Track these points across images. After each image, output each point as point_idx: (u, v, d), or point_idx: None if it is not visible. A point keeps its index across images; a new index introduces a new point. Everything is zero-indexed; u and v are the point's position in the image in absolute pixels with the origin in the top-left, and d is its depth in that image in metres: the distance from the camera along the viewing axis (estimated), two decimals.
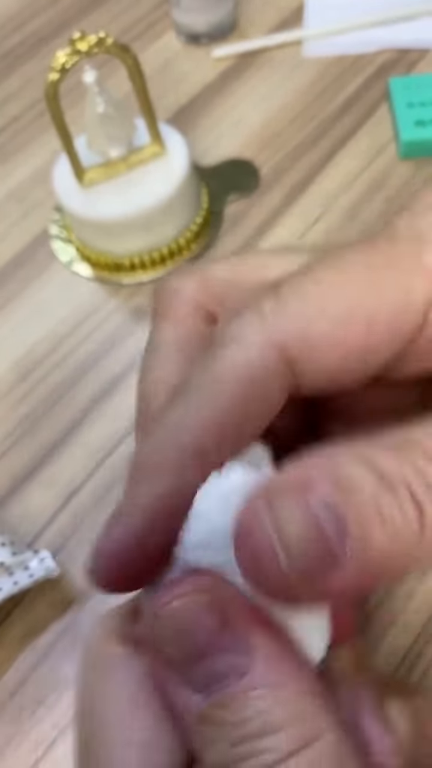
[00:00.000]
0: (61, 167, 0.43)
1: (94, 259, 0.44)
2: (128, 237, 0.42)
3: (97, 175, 0.42)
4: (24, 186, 0.49)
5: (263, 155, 0.48)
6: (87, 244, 0.44)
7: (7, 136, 0.52)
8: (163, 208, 0.41)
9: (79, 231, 0.44)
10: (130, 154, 0.42)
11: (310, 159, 0.47)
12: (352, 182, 0.46)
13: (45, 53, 0.56)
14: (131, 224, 0.41)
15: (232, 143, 0.49)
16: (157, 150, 0.42)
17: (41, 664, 0.33)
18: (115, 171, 0.42)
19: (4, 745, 0.32)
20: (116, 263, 0.43)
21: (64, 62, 0.37)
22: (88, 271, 0.45)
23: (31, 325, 0.43)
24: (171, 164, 0.42)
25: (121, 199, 0.41)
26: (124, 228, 0.42)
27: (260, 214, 0.45)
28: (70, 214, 0.42)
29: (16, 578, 0.33)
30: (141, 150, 0.42)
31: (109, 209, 0.41)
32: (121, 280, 0.44)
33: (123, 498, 0.17)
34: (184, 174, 0.42)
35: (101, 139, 0.41)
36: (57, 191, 0.42)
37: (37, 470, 0.38)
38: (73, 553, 0.36)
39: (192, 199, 0.44)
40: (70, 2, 0.59)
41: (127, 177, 0.42)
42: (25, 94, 0.54)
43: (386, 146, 0.47)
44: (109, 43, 0.37)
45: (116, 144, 0.41)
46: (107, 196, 0.42)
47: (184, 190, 0.42)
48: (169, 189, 0.41)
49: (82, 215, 0.42)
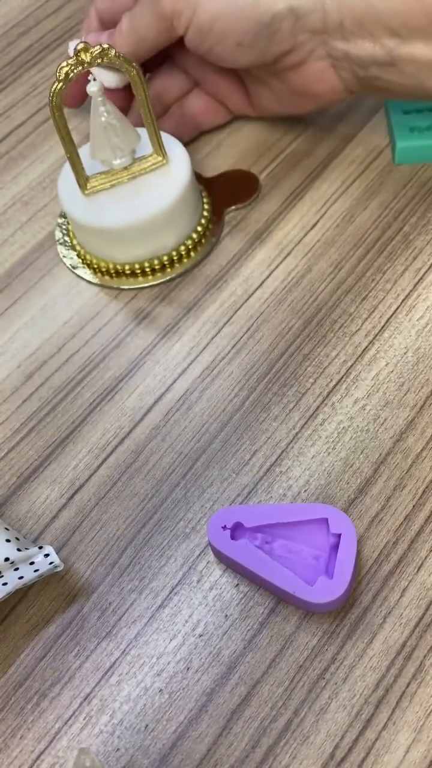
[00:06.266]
0: (65, 175, 0.44)
1: (95, 264, 0.45)
2: (129, 245, 0.43)
3: (99, 184, 0.42)
4: (29, 191, 0.50)
5: (262, 162, 0.48)
6: (89, 250, 0.45)
7: (13, 142, 0.53)
8: (165, 217, 0.42)
9: (81, 237, 0.45)
10: (133, 164, 0.42)
11: (307, 165, 0.48)
12: (348, 188, 0.47)
13: (50, 60, 0.57)
14: (132, 232, 0.42)
15: (231, 151, 0.49)
16: (159, 160, 0.43)
17: (45, 657, 0.34)
18: (118, 180, 0.42)
19: (9, 738, 0.33)
20: (117, 269, 0.44)
21: (67, 72, 0.38)
22: (91, 275, 0.45)
23: (36, 327, 0.44)
24: (173, 174, 0.43)
25: (123, 207, 0.42)
26: (126, 236, 0.42)
27: (259, 221, 0.46)
28: (73, 220, 0.43)
29: (21, 573, 0.34)
30: (144, 160, 0.43)
31: (110, 218, 0.42)
32: (122, 285, 0.45)
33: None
34: (186, 184, 0.43)
35: (105, 148, 0.41)
36: (61, 198, 0.43)
37: (41, 468, 0.39)
38: (77, 549, 0.37)
39: (193, 208, 0.45)
40: (75, 9, 0.59)
41: (129, 186, 0.43)
42: (30, 101, 0.55)
43: (381, 152, 0.48)
44: (113, 54, 0.38)
45: (119, 154, 0.42)
46: (109, 205, 0.42)
47: (185, 199, 0.43)
48: (170, 198, 0.42)
49: (85, 223, 0.42)
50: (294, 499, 0.37)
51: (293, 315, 0.42)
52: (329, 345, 0.41)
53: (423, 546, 0.35)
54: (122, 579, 0.36)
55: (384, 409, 0.39)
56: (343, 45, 0.39)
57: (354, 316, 0.42)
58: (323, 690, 0.32)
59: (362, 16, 0.38)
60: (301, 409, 0.39)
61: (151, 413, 0.40)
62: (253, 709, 0.32)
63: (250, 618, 0.34)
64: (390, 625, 0.33)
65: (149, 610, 0.35)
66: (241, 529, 0.34)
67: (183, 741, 0.32)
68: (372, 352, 0.40)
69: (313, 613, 0.34)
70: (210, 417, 0.40)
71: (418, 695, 0.32)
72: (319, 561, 0.34)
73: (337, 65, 0.41)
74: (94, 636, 0.34)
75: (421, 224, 0.44)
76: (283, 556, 0.34)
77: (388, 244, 0.44)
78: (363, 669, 0.32)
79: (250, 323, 0.43)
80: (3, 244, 0.48)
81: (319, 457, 0.38)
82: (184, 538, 0.36)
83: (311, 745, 0.31)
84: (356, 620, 0.33)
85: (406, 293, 0.42)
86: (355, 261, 0.44)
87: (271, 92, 0.45)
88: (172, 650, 0.34)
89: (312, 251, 0.44)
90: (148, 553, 0.36)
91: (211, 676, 0.33)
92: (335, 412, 0.39)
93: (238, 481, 0.38)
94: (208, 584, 0.35)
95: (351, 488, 0.37)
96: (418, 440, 0.37)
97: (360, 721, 0.31)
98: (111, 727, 0.32)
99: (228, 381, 0.41)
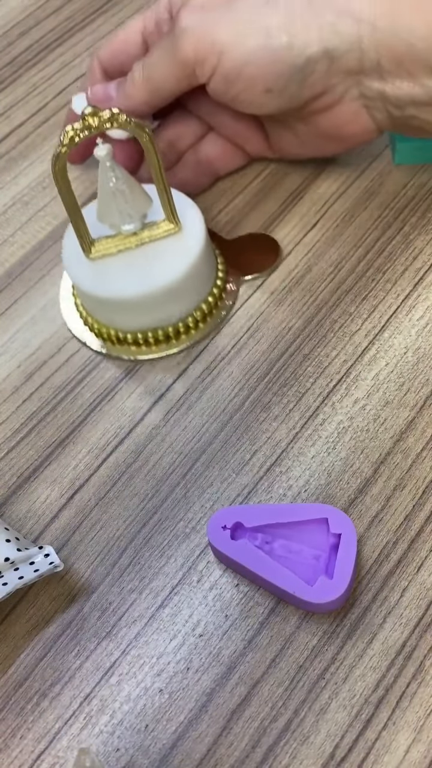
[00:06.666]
0: (69, 234, 0.40)
1: (97, 329, 0.42)
2: (133, 315, 0.40)
3: (105, 248, 0.40)
4: (29, 191, 0.50)
5: (261, 162, 0.48)
6: (91, 314, 0.42)
7: (13, 142, 0.53)
8: (174, 288, 0.39)
9: (84, 300, 0.42)
10: (143, 230, 0.39)
11: (307, 166, 0.48)
12: (348, 188, 0.47)
13: (50, 60, 0.57)
14: (138, 303, 0.39)
15: None
16: (171, 227, 0.40)
17: (46, 657, 0.34)
18: (126, 246, 0.40)
19: (9, 738, 0.33)
20: (119, 337, 0.41)
21: (73, 136, 0.35)
22: (94, 339, 0.43)
23: (36, 327, 0.44)
24: (186, 241, 0.40)
25: (130, 276, 0.39)
26: (130, 306, 0.40)
27: (258, 221, 0.46)
28: (76, 285, 0.40)
29: (22, 573, 0.34)
30: (155, 226, 0.40)
31: (116, 286, 0.39)
32: (122, 355, 0.42)
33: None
34: (199, 253, 0.40)
35: (112, 213, 0.38)
36: (64, 261, 0.41)
37: (41, 468, 0.39)
38: (77, 549, 0.37)
39: (205, 277, 0.42)
40: (75, 10, 0.59)
41: (137, 252, 0.40)
42: (30, 101, 0.55)
43: (381, 152, 0.48)
44: (123, 119, 0.35)
45: (128, 220, 0.39)
46: (115, 272, 0.39)
47: (197, 269, 0.40)
48: (181, 269, 0.39)
49: (88, 289, 0.40)
50: (294, 499, 0.37)
51: (293, 315, 0.42)
52: (329, 345, 0.41)
53: (423, 546, 0.35)
54: (122, 579, 0.36)
55: (384, 409, 0.39)
56: (379, 85, 0.37)
57: (354, 316, 0.42)
58: (323, 690, 0.32)
59: (402, 55, 0.35)
60: (301, 409, 0.39)
61: (151, 413, 0.40)
62: (253, 709, 0.32)
63: (250, 618, 0.34)
64: (390, 625, 0.33)
65: (149, 610, 0.35)
66: (241, 529, 0.34)
67: (183, 741, 0.32)
68: (372, 352, 0.40)
69: (313, 613, 0.34)
70: (210, 417, 0.40)
71: (418, 695, 0.32)
72: (319, 561, 0.34)
73: (371, 105, 0.38)
74: (94, 636, 0.34)
75: (421, 224, 0.44)
76: (283, 556, 0.34)
77: (388, 244, 0.44)
78: (363, 669, 0.32)
79: (250, 323, 0.43)
80: (3, 244, 0.48)
81: (319, 457, 0.38)
82: (184, 538, 0.36)
83: (311, 745, 0.31)
84: (356, 620, 0.33)
85: (406, 293, 0.42)
86: (355, 261, 0.44)
87: (294, 135, 0.42)
88: (172, 650, 0.34)
89: (312, 251, 0.44)
90: (148, 553, 0.36)
91: (211, 676, 0.33)
92: (335, 412, 0.39)
93: (238, 481, 0.38)
94: (208, 584, 0.35)
95: (351, 488, 0.37)
96: (418, 440, 0.37)
97: (360, 721, 0.31)
98: (111, 727, 0.32)
99: (228, 381, 0.41)
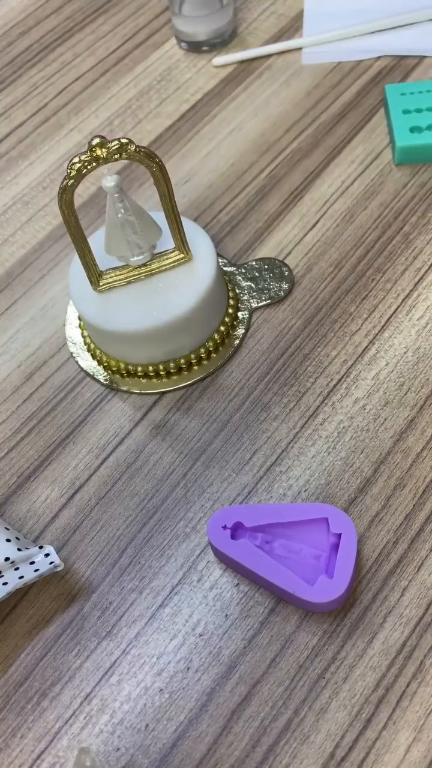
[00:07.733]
0: (76, 265, 0.39)
1: (105, 361, 0.41)
2: (142, 347, 0.39)
3: (114, 280, 0.38)
4: (29, 191, 0.50)
5: (262, 162, 0.48)
6: (99, 346, 0.41)
7: (13, 142, 0.53)
8: (184, 320, 0.38)
9: (91, 332, 0.41)
10: (153, 260, 0.38)
11: (307, 165, 0.48)
12: (348, 187, 0.47)
13: (50, 60, 0.57)
14: (147, 336, 0.38)
15: (231, 150, 0.49)
16: (182, 257, 0.38)
17: (46, 656, 0.34)
18: (135, 277, 0.38)
19: (10, 737, 0.33)
20: (128, 369, 0.40)
21: (80, 168, 0.33)
22: (101, 371, 0.42)
23: (36, 327, 0.44)
24: (196, 271, 0.38)
25: (139, 309, 0.38)
26: (139, 339, 0.38)
27: (258, 221, 0.46)
28: (84, 317, 0.39)
29: (22, 572, 0.34)
30: (164, 256, 0.38)
31: (124, 319, 0.38)
32: (132, 389, 0.41)
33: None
34: (210, 283, 0.38)
35: (121, 245, 0.37)
36: (72, 293, 0.39)
37: (41, 468, 0.39)
38: (77, 548, 0.37)
39: (216, 307, 0.40)
40: (75, 10, 0.59)
41: (147, 283, 0.38)
42: (30, 101, 0.55)
43: (381, 152, 0.48)
44: (132, 149, 0.33)
45: (137, 251, 0.38)
46: (124, 304, 0.38)
47: (208, 300, 0.38)
48: (192, 300, 0.38)
49: (95, 322, 0.38)
50: (294, 499, 0.37)
51: (293, 315, 0.42)
52: (329, 345, 0.41)
53: (423, 545, 0.35)
54: (122, 579, 0.36)
55: (384, 409, 0.39)
56: None
57: (354, 316, 0.42)
58: (323, 689, 0.32)
59: None
60: (302, 408, 0.39)
61: (152, 413, 0.40)
62: (253, 709, 0.32)
63: (250, 618, 0.34)
64: (390, 624, 0.33)
65: (149, 610, 0.35)
66: (241, 528, 0.34)
67: (183, 740, 0.32)
68: (372, 351, 0.40)
69: (313, 613, 0.34)
70: (210, 417, 0.40)
71: (418, 695, 0.32)
72: (319, 560, 0.34)
73: None
74: (95, 635, 0.34)
75: (421, 224, 0.44)
76: (283, 556, 0.34)
77: (388, 244, 0.44)
78: (363, 668, 0.32)
79: (250, 323, 0.43)
80: (3, 244, 0.48)
81: (319, 457, 0.38)
82: (185, 537, 0.36)
83: (311, 745, 0.31)
84: (356, 620, 0.33)
85: (406, 293, 0.42)
86: (355, 261, 0.44)
87: None
88: (173, 650, 0.34)
89: (312, 251, 0.44)
90: (149, 553, 0.36)
91: (211, 676, 0.33)
92: (335, 412, 0.39)
93: (238, 480, 0.38)
94: (209, 584, 0.35)
95: (351, 488, 0.37)
96: (418, 440, 0.37)
97: (360, 720, 0.31)
98: (111, 727, 0.32)
99: (228, 381, 0.41)
